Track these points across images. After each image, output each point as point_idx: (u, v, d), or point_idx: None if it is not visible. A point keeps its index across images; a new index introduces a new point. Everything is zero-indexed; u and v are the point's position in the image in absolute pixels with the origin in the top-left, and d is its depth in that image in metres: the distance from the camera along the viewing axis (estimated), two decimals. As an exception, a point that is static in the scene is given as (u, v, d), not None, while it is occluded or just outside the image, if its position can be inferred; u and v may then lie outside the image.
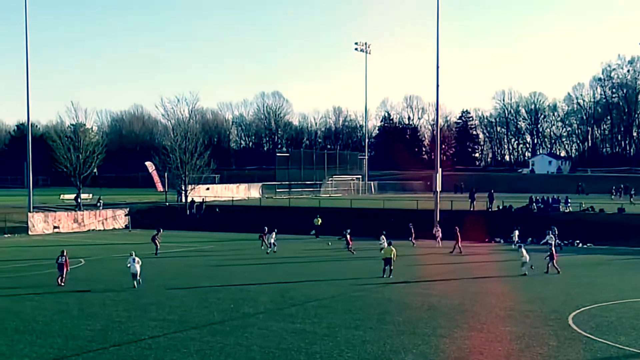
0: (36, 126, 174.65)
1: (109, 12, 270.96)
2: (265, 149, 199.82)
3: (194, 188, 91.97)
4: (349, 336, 26.42)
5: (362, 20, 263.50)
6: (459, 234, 57.85)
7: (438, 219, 70.10)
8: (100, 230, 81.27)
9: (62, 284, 39.99)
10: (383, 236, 53.52)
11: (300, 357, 23.33)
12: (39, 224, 77.20)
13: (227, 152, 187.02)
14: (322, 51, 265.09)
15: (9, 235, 73.23)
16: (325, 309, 32.15)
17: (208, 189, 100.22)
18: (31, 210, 79.05)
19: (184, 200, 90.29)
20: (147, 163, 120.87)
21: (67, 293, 36.61)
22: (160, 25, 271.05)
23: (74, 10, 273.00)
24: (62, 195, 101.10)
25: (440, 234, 63.82)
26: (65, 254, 40.69)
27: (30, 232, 75.06)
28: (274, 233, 58.00)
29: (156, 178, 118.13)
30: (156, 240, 55.91)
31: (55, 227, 78.21)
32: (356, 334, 26.77)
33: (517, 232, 60.42)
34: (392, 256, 42.95)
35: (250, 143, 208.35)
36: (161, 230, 57.96)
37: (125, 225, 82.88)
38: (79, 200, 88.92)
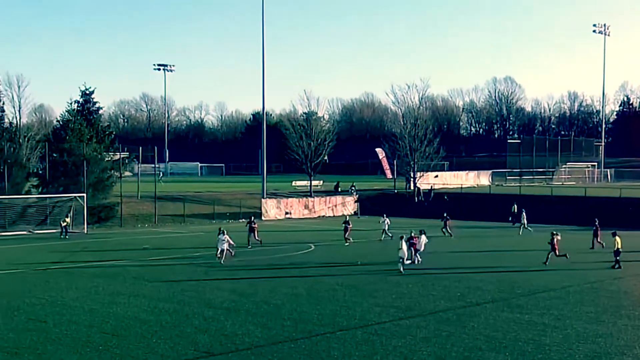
0: (270, 115, 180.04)
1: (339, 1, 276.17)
2: (495, 135, 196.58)
3: (423, 175, 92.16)
4: (580, 329, 25.42)
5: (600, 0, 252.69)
6: (598, 226, 51.42)
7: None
8: (329, 216, 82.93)
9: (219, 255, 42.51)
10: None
11: (528, 348, 22.65)
12: (271, 209, 79.85)
13: (456, 139, 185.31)
14: (557, 34, 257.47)
15: (243, 220, 76.20)
16: (555, 300, 31.13)
17: (437, 176, 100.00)
18: (265, 196, 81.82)
19: (412, 187, 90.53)
20: (378, 149, 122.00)
21: (298, 278, 37.63)
22: (391, 12, 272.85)
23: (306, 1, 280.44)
24: (294, 182, 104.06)
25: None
26: (221, 231, 43.62)
27: (263, 218, 77.59)
28: (386, 218, 56.09)
29: (385, 165, 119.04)
30: (253, 231, 51.54)
31: (286, 213, 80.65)
32: (588, 327, 25.71)
33: None
34: (619, 247, 41.00)
35: (481, 130, 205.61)
36: (253, 220, 54.36)
37: (354, 212, 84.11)
38: (346, 189, 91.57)
